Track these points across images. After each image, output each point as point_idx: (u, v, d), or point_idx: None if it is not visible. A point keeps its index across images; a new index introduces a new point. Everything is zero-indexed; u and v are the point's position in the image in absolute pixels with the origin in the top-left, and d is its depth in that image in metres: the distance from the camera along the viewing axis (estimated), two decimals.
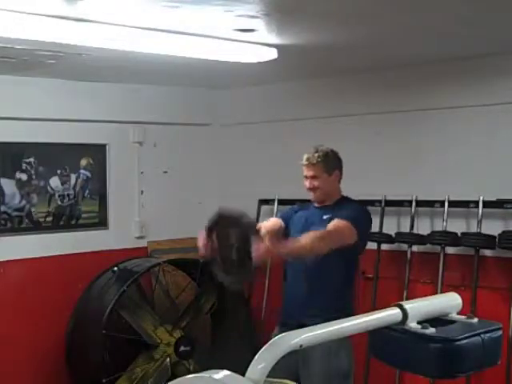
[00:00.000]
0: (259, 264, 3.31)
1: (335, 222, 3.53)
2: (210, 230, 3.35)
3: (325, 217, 3.65)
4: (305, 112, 5.30)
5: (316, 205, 3.78)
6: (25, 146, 4.99)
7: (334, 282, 3.61)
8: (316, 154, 3.66)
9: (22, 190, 4.98)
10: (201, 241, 3.38)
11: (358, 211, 3.69)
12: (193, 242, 5.85)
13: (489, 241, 4.32)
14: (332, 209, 3.69)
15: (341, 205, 3.71)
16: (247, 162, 5.78)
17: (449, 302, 1.90)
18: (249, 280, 3.31)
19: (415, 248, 4.73)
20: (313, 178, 3.67)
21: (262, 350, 1.53)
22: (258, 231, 3.41)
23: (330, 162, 3.69)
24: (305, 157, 3.69)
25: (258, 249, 3.23)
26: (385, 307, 1.77)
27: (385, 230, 4.83)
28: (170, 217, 5.68)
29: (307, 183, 3.71)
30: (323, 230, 3.50)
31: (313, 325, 1.65)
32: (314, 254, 3.41)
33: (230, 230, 3.33)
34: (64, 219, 5.22)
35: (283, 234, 3.79)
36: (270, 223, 3.83)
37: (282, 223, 3.82)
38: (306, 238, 3.39)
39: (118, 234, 5.45)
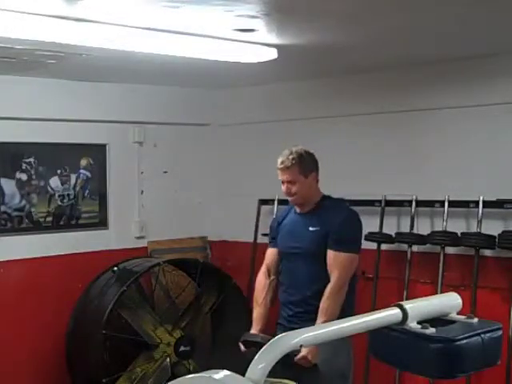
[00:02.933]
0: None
1: (335, 262, 3.51)
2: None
3: (311, 228, 3.61)
4: (305, 112, 5.29)
5: (298, 210, 3.72)
6: (25, 146, 4.99)
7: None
8: (290, 157, 3.59)
9: (22, 190, 4.98)
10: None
11: (349, 224, 3.61)
12: (193, 241, 5.93)
13: (489, 241, 4.32)
14: (317, 216, 3.63)
15: (326, 210, 3.64)
16: (247, 162, 5.78)
17: (449, 301, 1.90)
18: None
19: (415, 248, 4.73)
20: (289, 182, 3.60)
21: (262, 350, 1.53)
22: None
23: (305, 164, 3.61)
24: (279, 160, 3.63)
25: (301, 359, 3.37)
26: (385, 307, 1.77)
27: (385, 230, 4.83)
28: (170, 217, 5.69)
29: (284, 188, 3.65)
30: (330, 288, 3.49)
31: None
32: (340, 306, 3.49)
33: None
34: (64, 219, 5.22)
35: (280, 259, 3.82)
36: (269, 257, 3.83)
37: (276, 250, 3.81)
38: (326, 312, 3.43)
39: (118, 234, 5.45)
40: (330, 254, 3.52)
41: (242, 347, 3.57)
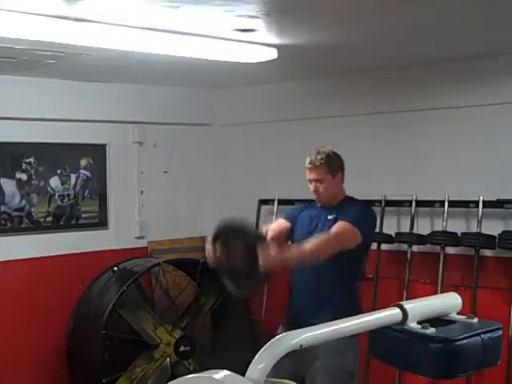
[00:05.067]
0: (266, 272, 3.29)
1: (339, 225, 3.54)
2: (214, 240, 3.34)
3: (329, 217, 3.66)
4: (305, 112, 5.29)
5: (320, 205, 3.78)
6: (25, 146, 4.99)
7: (338, 283, 3.62)
8: (319, 157, 3.65)
9: (22, 190, 4.98)
10: (207, 250, 3.39)
11: (362, 212, 3.69)
12: (193, 241, 5.93)
13: (489, 241, 4.32)
14: (336, 209, 3.69)
15: (345, 204, 3.71)
16: (247, 162, 5.78)
17: (449, 301, 1.90)
18: (257, 289, 3.29)
19: (415, 248, 4.73)
20: (317, 181, 3.67)
21: (261, 350, 1.53)
22: (263, 239, 3.39)
23: (332, 164, 3.69)
24: (308, 160, 3.68)
25: (265, 257, 3.23)
26: (385, 307, 1.77)
27: (385, 230, 4.83)
28: (170, 217, 5.68)
29: (312, 187, 3.71)
30: (326, 232, 3.51)
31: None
32: (317, 260, 3.44)
33: (235, 240, 3.31)
34: (64, 219, 5.22)
35: (289, 234, 3.80)
36: (275, 225, 3.84)
37: (288, 223, 3.82)
38: (309, 245, 3.41)
39: (118, 234, 5.45)
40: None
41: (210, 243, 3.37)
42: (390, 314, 1.74)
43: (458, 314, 1.87)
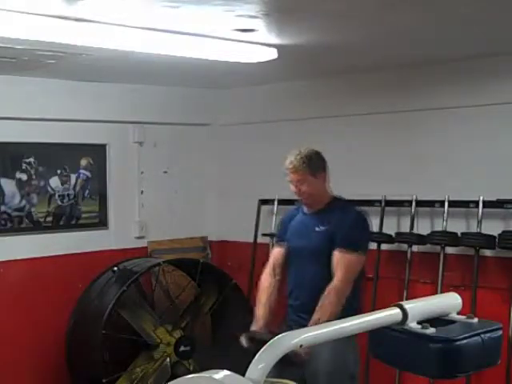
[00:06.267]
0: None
1: (340, 262, 3.48)
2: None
3: (317, 229, 3.61)
4: (305, 112, 5.29)
5: (307, 211, 3.73)
6: (25, 146, 4.99)
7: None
8: (299, 157, 3.60)
9: (22, 190, 4.98)
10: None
11: (358, 225, 3.62)
12: (193, 241, 5.94)
13: (489, 241, 4.32)
14: (325, 217, 3.63)
15: (334, 211, 3.64)
16: (247, 162, 5.78)
17: (449, 301, 1.90)
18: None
19: (415, 248, 4.73)
20: (298, 182, 3.61)
21: (262, 349, 1.53)
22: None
23: (313, 165, 3.62)
24: (288, 161, 3.62)
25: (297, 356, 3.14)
26: (385, 307, 1.77)
27: (385, 230, 4.83)
28: (170, 217, 5.69)
29: (293, 188, 3.66)
30: (332, 287, 3.45)
31: None
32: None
33: None
34: (64, 219, 5.22)
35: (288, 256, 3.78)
36: (275, 259, 3.80)
37: (285, 246, 3.78)
38: (322, 309, 3.39)
39: (118, 234, 5.45)
40: (336, 253, 3.51)
41: (245, 342, 3.46)
42: (390, 314, 1.74)
43: (458, 314, 1.87)
